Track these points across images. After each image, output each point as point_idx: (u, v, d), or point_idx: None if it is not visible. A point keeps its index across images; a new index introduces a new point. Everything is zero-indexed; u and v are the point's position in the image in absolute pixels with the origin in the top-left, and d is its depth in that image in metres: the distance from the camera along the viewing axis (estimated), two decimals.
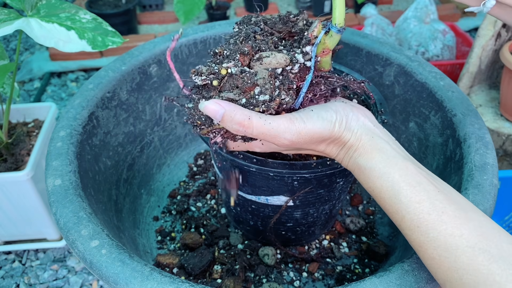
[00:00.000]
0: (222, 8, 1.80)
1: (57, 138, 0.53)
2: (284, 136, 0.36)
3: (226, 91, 0.37)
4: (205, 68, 0.38)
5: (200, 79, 0.37)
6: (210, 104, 0.35)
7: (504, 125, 1.04)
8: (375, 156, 0.36)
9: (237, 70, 0.37)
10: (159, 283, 0.37)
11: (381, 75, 0.68)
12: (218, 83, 0.37)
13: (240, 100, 0.37)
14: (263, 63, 0.38)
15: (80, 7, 0.67)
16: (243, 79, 0.37)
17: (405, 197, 0.34)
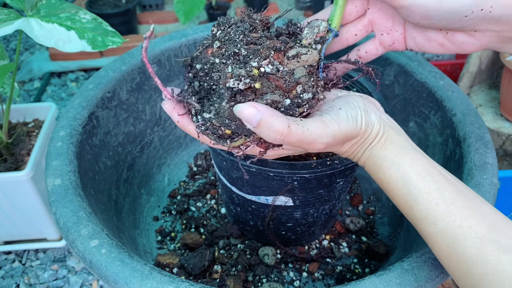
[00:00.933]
0: (222, 8, 1.80)
1: (57, 138, 0.53)
2: (321, 140, 0.34)
3: (269, 93, 0.34)
4: (240, 71, 0.34)
5: (242, 83, 0.33)
6: (246, 107, 0.32)
7: (504, 125, 1.04)
8: (388, 147, 0.37)
9: (273, 69, 0.35)
10: (158, 282, 0.37)
11: (381, 75, 0.68)
12: (260, 85, 0.34)
13: (284, 101, 0.35)
14: (300, 60, 0.36)
15: (80, 7, 0.67)
16: (284, 78, 0.35)
17: (414, 187, 0.35)
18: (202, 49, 0.40)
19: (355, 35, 0.44)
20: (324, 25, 0.40)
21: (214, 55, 0.37)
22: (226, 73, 0.34)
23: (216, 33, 0.39)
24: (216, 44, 0.38)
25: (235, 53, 0.36)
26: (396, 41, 0.43)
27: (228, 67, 0.35)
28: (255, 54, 0.35)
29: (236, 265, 0.62)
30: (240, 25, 0.39)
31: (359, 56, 0.45)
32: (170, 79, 0.73)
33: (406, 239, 0.62)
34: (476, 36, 0.38)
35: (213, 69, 0.37)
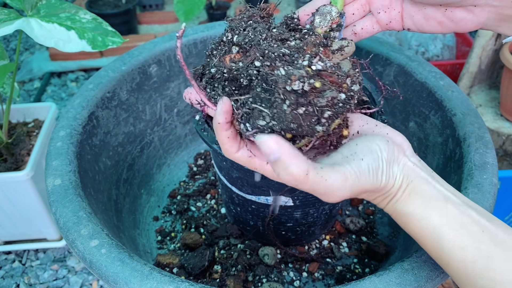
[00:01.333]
0: (222, 8, 1.80)
1: (57, 138, 0.53)
2: (337, 193, 0.32)
3: (326, 90, 0.33)
4: (300, 72, 0.32)
5: (306, 84, 0.32)
6: (269, 140, 0.30)
7: (504, 125, 1.04)
8: (413, 201, 0.34)
9: (323, 65, 0.33)
10: (158, 282, 0.37)
11: (381, 75, 0.68)
12: (320, 84, 0.33)
13: (340, 96, 0.34)
14: (343, 53, 0.36)
15: (80, 7, 0.67)
16: (336, 73, 0.34)
17: (448, 242, 0.32)
18: (213, 56, 0.39)
19: (353, 14, 0.44)
20: (335, 10, 0.40)
21: (234, 61, 0.37)
22: (282, 76, 0.33)
23: (232, 38, 0.38)
24: (235, 49, 0.38)
25: (282, 54, 0.34)
26: (393, 19, 0.42)
27: (280, 69, 0.33)
28: (299, 52, 0.35)
29: (236, 265, 0.62)
30: (256, 25, 0.38)
31: (354, 32, 0.44)
32: (170, 79, 0.73)
33: (406, 239, 0.62)
34: (475, 12, 0.37)
35: (240, 74, 0.36)
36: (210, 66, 0.39)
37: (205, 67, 0.40)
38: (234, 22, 0.39)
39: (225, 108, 0.34)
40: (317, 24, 0.39)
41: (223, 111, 0.34)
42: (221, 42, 0.40)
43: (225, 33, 0.39)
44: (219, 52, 0.39)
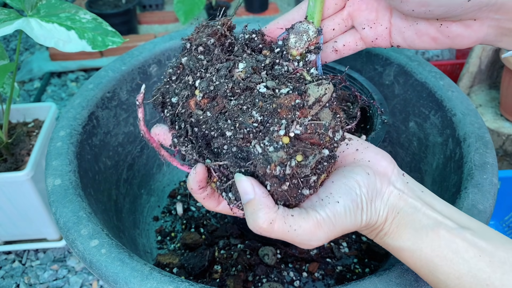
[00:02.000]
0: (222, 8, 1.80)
1: (57, 138, 0.53)
2: (309, 243, 0.31)
3: (310, 156, 0.30)
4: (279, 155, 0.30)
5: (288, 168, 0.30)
6: (245, 182, 0.30)
7: (504, 125, 1.04)
8: (402, 234, 0.32)
9: (302, 129, 0.31)
10: (158, 282, 0.37)
11: (381, 75, 0.68)
12: (302, 157, 0.30)
13: (323, 154, 0.32)
14: (321, 103, 0.32)
15: (80, 7, 0.67)
16: (317, 133, 0.31)
17: (442, 273, 0.30)
18: (172, 81, 0.37)
19: (333, 30, 0.40)
20: (312, 29, 0.36)
21: (201, 107, 0.34)
22: (258, 156, 0.30)
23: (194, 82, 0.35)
24: (199, 96, 0.34)
25: (256, 125, 0.31)
26: (379, 36, 0.38)
27: (256, 147, 0.31)
28: (273, 116, 0.31)
29: (236, 265, 0.62)
30: (217, 64, 0.35)
31: (335, 49, 0.40)
32: None
33: None
34: (474, 27, 0.34)
35: (211, 129, 0.34)
36: (171, 94, 0.36)
37: (164, 95, 0.37)
38: (192, 51, 0.36)
39: (198, 178, 0.33)
40: (292, 45, 0.36)
41: (197, 180, 0.33)
42: (180, 67, 0.37)
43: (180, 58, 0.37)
44: (181, 82, 0.36)
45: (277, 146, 0.30)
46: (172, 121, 0.37)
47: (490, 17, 0.33)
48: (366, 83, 0.56)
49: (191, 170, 0.34)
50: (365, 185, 0.32)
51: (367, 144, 0.34)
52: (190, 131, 0.35)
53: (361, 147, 0.34)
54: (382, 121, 0.49)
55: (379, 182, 0.32)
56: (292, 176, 0.30)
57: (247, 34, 0.38)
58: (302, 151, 0.31)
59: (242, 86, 0.33)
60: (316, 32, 0.36)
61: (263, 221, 0.30)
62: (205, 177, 0.34)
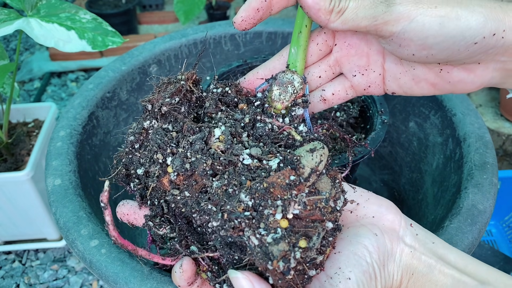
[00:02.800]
0: (222, 8, 1.80)
1: (57, 138, 0.53)
2: None
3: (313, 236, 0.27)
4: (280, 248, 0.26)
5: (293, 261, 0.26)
6: (242, 280, 0.27)
7: (504, 125, 1.04)
8: None
9: (301, 208, 0.27)
10: (158, 282, 0.37)
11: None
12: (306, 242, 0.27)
13: (327, 228, 0.29)
14: (319, 173, 0.29)
15: (80, 7, 0.67)
16: (318, 208, 0.28)
17: None
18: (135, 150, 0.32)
19: (319, 77, 0.36)
20: (298, 80, 0.33)
21: (177, 187, 0.30)
22: (256, 250, 0.26)
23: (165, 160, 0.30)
24: (173, 174, 0.30)
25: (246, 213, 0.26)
26: (372, 83, 0.35)
27: (251, 239, 0.26)
28: (266, 198, 0.27)
29: None
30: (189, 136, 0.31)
31: (323, 98, 0.36)
32: None
33: None
34: (477, 71, 0.31)
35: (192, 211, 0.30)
36: (135, 165, 0.32)
37: (128, 166, 0.33)
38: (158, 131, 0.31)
39: (186, 276, 0.30)
40: (275, 97, 0.32)
41: (185, 278, 0.30)
42: (142, 132, 0.32)
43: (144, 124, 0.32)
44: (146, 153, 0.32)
45: (276, 236, 0.26)
46: (142, 196, 0.32)
47: (496, 59, 0.30)
48: None
49: (176, 265, 0.30)
50: (375, 249, 0.28)
51: (367, 194, 0.31)
52: (166, 209, 0.31)
53: (361, 200, 0.31)
54: (382, 121, 0.49)
55: (388, 242, 0.29)
56: (298, 262, 0.27)
57: (219, 88, 0.34)
58: (304, 233, 0.27)
59: (224, 161, 0.29)
60: (302, 83, 0.33)
61: None
62: (193, 272, 0.30)
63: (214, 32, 0.73)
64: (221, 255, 0.29)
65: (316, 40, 0.35)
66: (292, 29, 0.41)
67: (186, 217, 0.31)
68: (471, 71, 0.31)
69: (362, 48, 0.34)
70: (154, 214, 0.31)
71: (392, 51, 0.31)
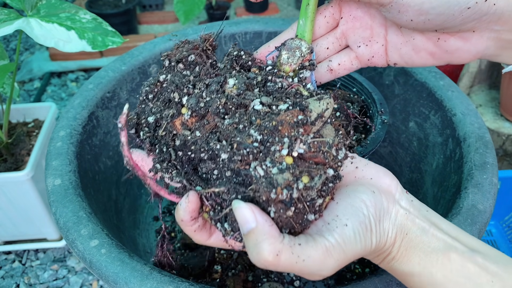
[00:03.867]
0: (222, 8, 1.80)
1: (57, 138, 0.53)
2: (320, 273, 0.28)
3: (315, 177, 0.28)
4: (284, 177, 0.27)
5: (295, 192, 0.28)
6: (244, 209, 0.28)
7: (504, 125, 1.04)
8: (412, 258, 0.30)
9: (305, 147, 0.29)
10: (158, 282, 0.37)
11: (381, 74, 0.68)
12: (308, 179, 0.28)
13: (328, 174, 0.30)
14: (324, 119, 0.31)
15: (80, 7, 0.67)
16: (322, 151, 0.29)
17: None
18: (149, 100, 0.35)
19: (327, 49, 0.39)
20: (305, 45, 0.35)
21: (188, 127, 0.32)
22: (261, 180, 0.28)
23: (181, 99, 0.32)
24: (187, 114, 0.32)
25: (255, 144, 0.29)
26: (375, 54, 0.37)
27: (256, 169, 0.28)
28: (274, 135, 0.29)
29: (236, 265, 0.62)
30: (207, 79, 0.33)
31: (330, 68, 0.39)
32: None
33: None
34: (472, 40, 0.33)
35: (201, 150, 0.31)
36: (147, 114, 0.34)
37: (140, 115, 0.35)
38: (172, 67, 0.34)
39: (191, 207, 0.30)
40: (284, 61, 0.35)
41: (189, 210, 0.30)
42: (158, 84, 0.35)
43: (162, 74, 0.34)
44: (160, 101, 0.34)
45: (281, 167, 0.28)
46: (151, 144, 0.34)
47: (490, 28, 0.32)
48: (366, 83, 0.56)
49: (182, 199, 0.31)
50: (372, 204, 0.30)
51: (365, 161, 0.33)
52: (174, 155, 0.32)
53: (360, 164, 0.32)
54: (382, 121, 0.49)
55: (385, 201, 0.31)
56: (298, 200, 0.28)
57: (235, 51, 0.37)
58: (307, 172, 0.28)
59: (236, 102, 0.31)
60: (309, 48, 0.35)
61: (269, 253, 0.27)
62: (198, 206, 0.31)
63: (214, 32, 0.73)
64: (226, 192, 0.30)
65: (324, 13, 0.37)
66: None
67: (192, 163, 0.32)
68: (467, 40, 0.34)
69: (366, 21, 0.37)
70: (162, 159, 0.33)
71: (392, 19, 0.33)
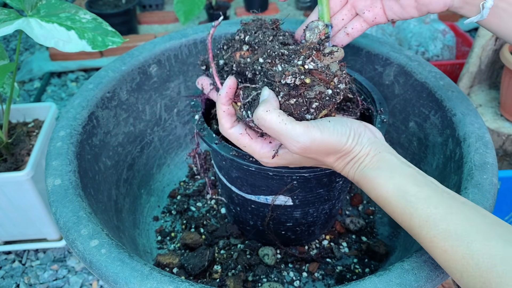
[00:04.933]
0: (222, 8, 1.80)
1: (57, 138, 0.53)
2: (298, 139, 0.36)
3: (315, 85, 0.39)
4: (293, 69, 0.39)
5: (298, 79, 0.38)
6: (267, 90, 0.39)
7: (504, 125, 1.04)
8: (380, 166, 0.37)
9: (315, 65, 0.40)
10: (158, 282, 0.37)
11: (381, 75, 0.68)
12: (310, 80, 0.39)
13: (327, 91, 0.40)
14: (333, 57, 0.42)
15: (80, 7, 0.67)
16: (325, 73, 0.40)
17: (411, 195, 0.35)
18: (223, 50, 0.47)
19: (342, 20, 0.50)
20: (321, 24, 0.46)
21: (243, 57, 0.45)
22: (279, 71, 0.39)
23: (244, 38, 0.46)
24: (245, 47, 0.45)
25: (282, 54, 0.42)
26: (377, 15, 0.49)
27: (278, 66, 0.40)
28: (296, 54, 0.41)
29: (236, 265, 0.62)
30: (265, 31, 0.46)
31: (347, 33, 0.50)
32: (170, 79, 0.73)
33: (406, 239, 0.62)
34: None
35: (247, 68, 0.44)
36: (219, 58, 0.47)
37: (214, 57, 0.47)
38: (248, 26, 0.47)
39: (230, 83, 0.41)
40: (308, 38, 0.45)
41: (228, 85, 0.41)
42: (232, 40, 0.47)
43: (238, 33, 0.47)
44: (231, 48, 0.46)
45: (293, 67, 0.39)
46: (218, 70, 0.47)
47: None
48: (366, 83, 0.56)
49: (225, 82, 0.41)
50: (356, 125, 0.39)
51: (355, 118, 0.42)
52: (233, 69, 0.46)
53: (350, 118, 0.42)
54: (382, 121, 0.49)
55: (369, 132, 0.40)
56: (300, 94, 0.39)
57: (281, 33, 0.48)
58: (311, 78, 0.39)
59: (280, 41, 0.45)
60: (324, 25, 0.46)
61: (262, 109, 0.37)
62: (235, 86, 0.41)
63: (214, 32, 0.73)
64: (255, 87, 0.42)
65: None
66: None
67: (242, 73, 0.45)
68: None
69: None
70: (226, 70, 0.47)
71: None
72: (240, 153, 0.46)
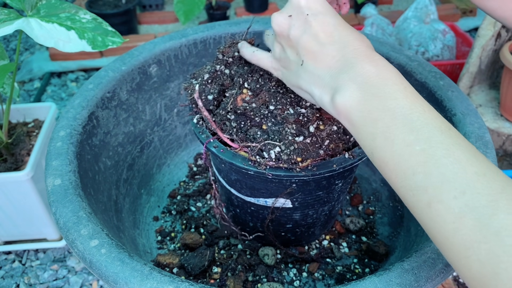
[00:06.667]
0: (222, 8, 1.80)
1: (57, 138, 0.53)
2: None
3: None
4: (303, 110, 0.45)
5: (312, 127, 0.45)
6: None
7: (504, 125, 1.04)
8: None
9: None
10: (158, 282, 0.37)
11: None
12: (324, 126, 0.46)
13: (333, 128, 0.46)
14: None
15: (80, 7, 0.67)
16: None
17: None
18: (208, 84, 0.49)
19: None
20: None
21: (247, 102, 0.46)
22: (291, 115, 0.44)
23: (243, 83, 0.48)
24: (248, 92, 0.47)
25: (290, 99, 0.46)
26: None
27: (289, 109, 0.45)
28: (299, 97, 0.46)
29: (236, 265, 0.62)
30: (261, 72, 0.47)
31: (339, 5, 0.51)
32: (170, 79, 0.73)
33: (406, 239, 0.62)
34: None
35: (256, 113, 0.46)
36: (207, 93, 0.49)
37: (201, 94, 0.49)
38: (240, 66, 0.49)
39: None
40: None
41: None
42: (215, 72, 0.50)
43: (217, 62, 0.50)
44: (215, 86, 0.49)
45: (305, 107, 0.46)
46: (209, 111, 0.49)
47: None
48: None
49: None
50: None
51: None
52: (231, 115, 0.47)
53: None
54: None
55: None
56: (313, 134, 0.45)
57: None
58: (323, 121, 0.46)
59: (278, 83, 0.47)
60: None
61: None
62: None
63: (214, 32, 0.73)
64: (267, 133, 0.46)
65: None
66: None
67: (243, 129, 0.47)
68: None
69: None
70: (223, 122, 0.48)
71: None
72: (239, 157, 0.46)
